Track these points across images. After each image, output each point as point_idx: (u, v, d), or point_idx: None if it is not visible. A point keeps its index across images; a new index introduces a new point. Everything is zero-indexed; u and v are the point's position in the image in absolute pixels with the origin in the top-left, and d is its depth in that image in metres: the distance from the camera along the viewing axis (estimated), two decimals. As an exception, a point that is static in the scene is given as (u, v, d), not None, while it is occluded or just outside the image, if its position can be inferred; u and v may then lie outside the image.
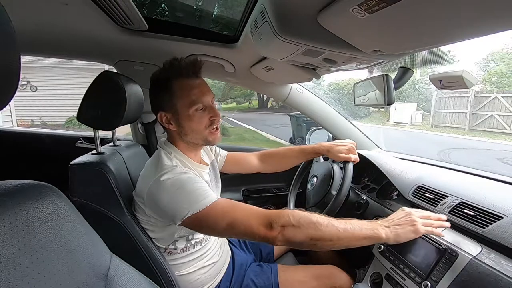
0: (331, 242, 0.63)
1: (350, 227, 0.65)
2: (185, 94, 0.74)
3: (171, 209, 0.66)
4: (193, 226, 0.68)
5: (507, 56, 10.35)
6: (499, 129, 7.79)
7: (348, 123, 1.40)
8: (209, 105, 0.77)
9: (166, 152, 0.78)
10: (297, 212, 0.65)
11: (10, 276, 0.30)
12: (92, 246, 0.43)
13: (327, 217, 0.66)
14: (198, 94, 0.75)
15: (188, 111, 0.74)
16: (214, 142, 0.81)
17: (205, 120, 0.77)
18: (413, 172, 1.00)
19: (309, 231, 0.63)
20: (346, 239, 0.64)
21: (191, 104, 0.74)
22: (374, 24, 0.48)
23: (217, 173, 0.98)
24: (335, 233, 0.63)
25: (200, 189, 0.68)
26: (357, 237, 0.64)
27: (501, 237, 0.61)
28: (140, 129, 1.32)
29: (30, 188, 0.37)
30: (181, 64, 0.74)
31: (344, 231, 0.64)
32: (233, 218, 0.64)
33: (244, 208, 0.67)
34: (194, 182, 0.69)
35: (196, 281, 0.83)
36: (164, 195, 0.67)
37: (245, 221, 0.64)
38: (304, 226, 0.63)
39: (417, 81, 10.08)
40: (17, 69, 0.29)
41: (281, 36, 0.59)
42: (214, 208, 0.65)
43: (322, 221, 0.64)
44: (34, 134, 1.67)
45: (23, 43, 0.99)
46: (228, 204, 0.67)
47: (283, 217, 0.63)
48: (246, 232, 0.64)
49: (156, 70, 0.78)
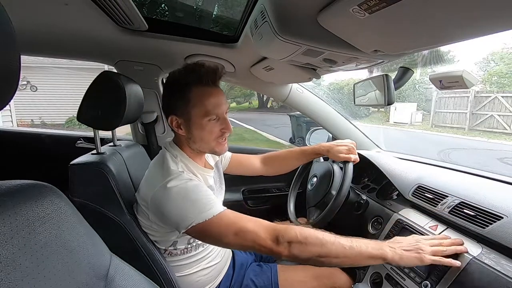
0: (337, 259, 0.63)
1: (356, 245, 0.64)
2: (201, 103, 0.72)
3: (176, 217, 0.66)
4: (198, 235, 0.68)
5: (507, 56, 10.35)
6: (499, 129, 7.80)
7: (348, 123, 1.40)
8: (223, 116, 0.76)
9: (172, 155, 0.77)
10: (304, 229, 0.65)
11: (10, 276, 0.30)
12: (92, 246, 0.43)
13: (334, 235, 0.66)
14: (214, 105, 0.73)
15: (202, 120, 0.73)
16: (221, 153, 0.80)
17: (216, 130, 0.75)
18: (413, 172, 1.00)
19: (316, 249, 0.63)
20: (352, 257, 0.63)
21: (206, 114, 0.72)
22: (374, 24, 0.48)
23: (221, 175, 0.98)
24: (341, 251, 0.63)
25: (206, 198, 0.67)
26: (363, 256, 0.64)
27: (501, 237, 0.61)
28: (140, 129, 1.32)
29: (30, 188, 0.37)
30: (202, 71, 0.72)
31: (350, 249, 0.63)
32: (239, 229, 0.64)
33: (250, 221, 0.66)
34: (199, 191, 0.69)
35: (197, 282, 0.83)
36: (170, 203, 0.67)
37: (252, 233, 0.63)
38: (311, 243, 0.63)
39: (417, 81, 10.08)
40: (17, 69, 0.29)
41: (281, 36, 0.59)
42: (220, 219, 0.65)
43: (328, 238, 0.64)
44: (34, 134, 1.67)
45: (23, 43, 0.99)
46: (234, 215, 0.67)
47: (290, 233, 0.63)
48: (253, 243, 0.63)
49: (176, 70, 0.75)
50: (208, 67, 0.73)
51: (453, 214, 0.74)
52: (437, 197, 0.82)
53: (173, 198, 0.66)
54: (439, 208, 0.79)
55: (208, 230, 0.65)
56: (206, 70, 0.73)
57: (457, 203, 0.76)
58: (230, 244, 0.66)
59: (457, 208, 0.75)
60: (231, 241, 0.64)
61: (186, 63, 0.76)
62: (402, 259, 0.64)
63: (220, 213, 0.65)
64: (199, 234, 0.67)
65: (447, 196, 0.81)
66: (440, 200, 0.81)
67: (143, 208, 0.74)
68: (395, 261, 0.64)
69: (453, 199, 0.78)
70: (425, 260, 0.63)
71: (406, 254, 0.65)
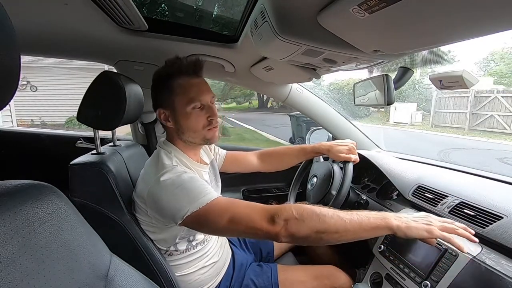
0: (338, 234, 0.60)
1: (357, 217, 0.61)
2: (183, 91, 0.74)
3: (172, 208, 0.66)
4: (194, 225, 0.67)
5: (507, 56, 10.35)
6: (499, 129, 7.79)
7: (348, 123, 1.40)
8: (208, 104, 0.77)
9: (166, 152, 0.78)
10: (299, 205, 0.63)
11: (10, 276, 0.30)
12: (92, 246, 0.43)
13: (332, 209, 0.63)
14: (197, 92, 0.74)
15: (186, 108, 0.74)
16: (212, 141, 0.80)
17: (202, 119, 0.76)
18: (413, 172, 1.00)
19: (313, 224, 0.60)
20: (353, 230, 0.60)
21: (189, 101, 0.74)
22: (374, 24, 0.48)
23: (216, 173, 0.97)
24: (341, 224, 0.60)
25: (200, 187, 0.68)
26: (365, 228, 0.60)
27: (501, 237, 0.61)
28: (140, 129, 1.32)
29: (30, 188, 0.37)
30: (183, 63, 0.75)
31: (350, 221, 0.60)
32: (234, 213, 0.63)
33: (245, 204, 0.66)
34: (194, 181, 0.69)
35: (196, 281, 0.83)
36: (164, 194, 0.67)
37: (246, 217, 0.62)
38: (307, 218, 0.60)
39: (417, 81, 10.08)
40: (17, 69, 0.29)
41: (281, 36, 0.59)
42: (214, 205, 0.65)
43: (326, 212, 0.61)
44: (34, 134, 1.67)
45: (23, 43, 0.99)
46: (228, 201, 0.67)
47: (286, 211, 0.61)
48: (248, 228, 0.62)
49: (159, 68, 0.78)
50: (189, 59, 0.76)
51: (453, 214, 0.74)
52: (437, 197, 0.82)
53: (168, 190, 0.67)
54: (439, 208, 0.79)
55: (203, 218, 0.64)
56: (187, 61, 0.75)
57: (457, 203, 0.76)
58: (226, 230, 0.65)
59: (457, 208, 0.75)
60: (226, 227, 0.63)
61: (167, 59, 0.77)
62: (409, 228, 0.60)
63: (213, 200, 0.65)
64: (195, 223, 0.66)
65: (447, 196, 0.81)
66: (440, 200, 0.81)
67: (140, 205, 0.75)
68: (402, 230, 0.60)
69: (453, 199, 0.78)
70: (435, 233, 0.59)
71: (414, 224, 0.61)
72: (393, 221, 0.61)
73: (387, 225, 0.61)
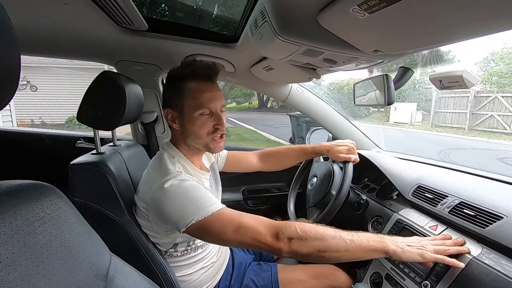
0: (338, 253, 0.63)
1: (357, 238, 0.64)
2: (193, 96, 0.73)
3: (176, 215, 0.66)
4: (198, 233, 0.67)
5: (507, 56, 10.35)
6: (499, 129, 7.79)
7: (348, 123, 1.40)
8: (217, 112, 0.75)
9: (169, 156, 0.77)
10: (304, 224, 0.65)
11: (10, 276, 0.30)
12: (92, 246, 0.43)
13: (334, 229, 0.65)
14: (207, 99, 0.73)
15: (193, 114, 0.73)
16: (215, 150, 0.79)
17: (208, 126, 0.75)
18: (413, 172, 1.00)
19: (316, 243, 0.62)
20: (353, 251, 0.63)
21: (197, 107, 0.73)
22: (374, 24, 0.48)
23: (217, 177, 0.97)
24: (342, 244, 0.62)
25: (205, 196, 0.68)
26: (364, 249, 0.63)
27: (501, 237, 0.61)
28: (140, 129, 1.32)
29: (30, 188, 0.37)
30: (197, 66, 0.73)
31: (351, 242, 0.63)
32: (240, 225, 0.64)
33: (250, 216, 0.66)
34: (198, 190, 0.69)
35: (195, 281, 0.83)
36: (168, 202, 0.67)
37: (252, 229, 0.63)
38: (311, 238, 0.62)
39: (417, 81, 10.07)
40: (17, 69, 0.29)
41: (281, 36, 0.59)
42: (220, 216, 0.65)
43: (329, 232, 0.64)
44: (34, 134, 1.67)
45: (23, 43, 0.99)
46: (234, 212, 0.67)
47: (290, 228, 0.63)
48: (253, 240, 0.63)
49: (174, 67, 0.77)
50: (205, 62, 0.75)
51: (453, 214, 0.74)
52: (437, 197, 0.82)
53: (172, 197, 0.66)
54: (439, 208, 0.79)
55: (208, 228, 0.64)
56: (202, 65, 0.74)
57: (457, 203, 0.76)
58: (230, 241, 0.66)
59: (457, 208, 0.75)
60: (231, 238, 0.64)
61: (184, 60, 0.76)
62: (404, 252, 0.63)
63: (219, 210, 0.65)
64: (199, 232, 0.66)
65: (447, 196, 0.81)
66: (440, 200, 0.81)
67: (142, 210, 0.74)
68: (397, 254, 0.63)
69: (453, 199, 0.78)
70: (427, 257, 0.62)
71: (408, 248, 0.64)
72: (390, 245, 0.64)
73: (384, 248, 0.64)
